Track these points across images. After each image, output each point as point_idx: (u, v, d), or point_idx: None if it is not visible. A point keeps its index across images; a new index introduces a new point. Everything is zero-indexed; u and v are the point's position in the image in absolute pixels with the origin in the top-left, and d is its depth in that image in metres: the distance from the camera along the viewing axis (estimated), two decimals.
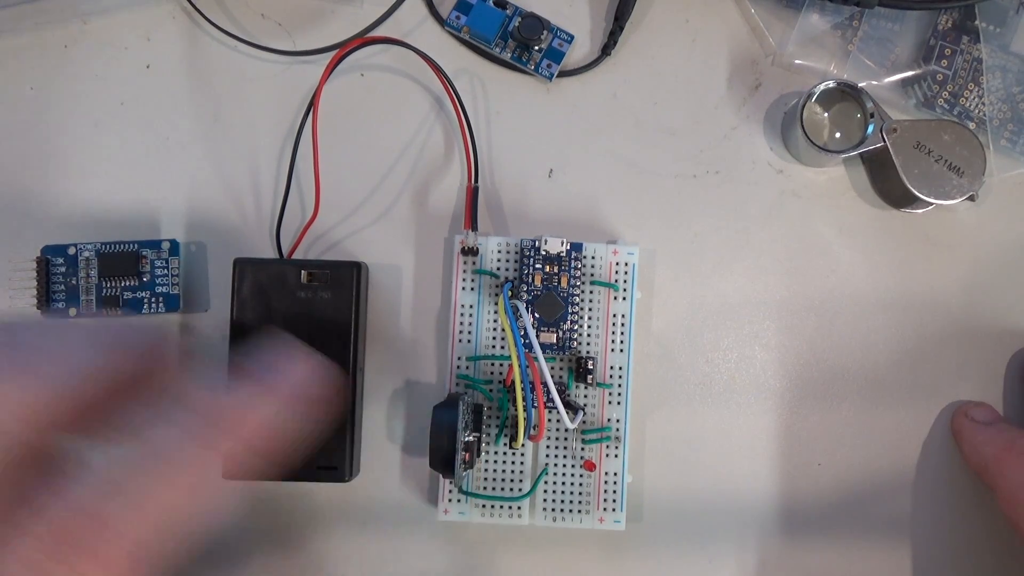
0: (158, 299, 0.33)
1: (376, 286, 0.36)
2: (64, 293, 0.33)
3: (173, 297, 0.33)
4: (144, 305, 0.33)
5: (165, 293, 0.33)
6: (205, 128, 0.36)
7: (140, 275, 0.33)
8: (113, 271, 0.33)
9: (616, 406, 0.34)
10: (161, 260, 0.33)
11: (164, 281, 0.33)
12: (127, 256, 0.33)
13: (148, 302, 0.33)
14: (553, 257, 0.34)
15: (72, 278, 0.33)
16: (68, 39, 0.37)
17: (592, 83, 0.37)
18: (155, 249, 0.33)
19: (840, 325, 0.37)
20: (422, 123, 0.37)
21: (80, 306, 0.33)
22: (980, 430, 0.35)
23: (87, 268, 0.33)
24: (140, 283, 0.33)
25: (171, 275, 0.33)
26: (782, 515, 0.36)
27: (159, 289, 0.33)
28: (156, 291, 0.33)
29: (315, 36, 0.37)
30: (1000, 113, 0.37)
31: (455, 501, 0.34)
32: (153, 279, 0.33)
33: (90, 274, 0.33)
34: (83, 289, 0.33)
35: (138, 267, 0.33)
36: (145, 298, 0.33)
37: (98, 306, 0.33)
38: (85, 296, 0.33)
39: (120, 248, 0.33)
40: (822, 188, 0.37)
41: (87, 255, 0.33)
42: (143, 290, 0.33)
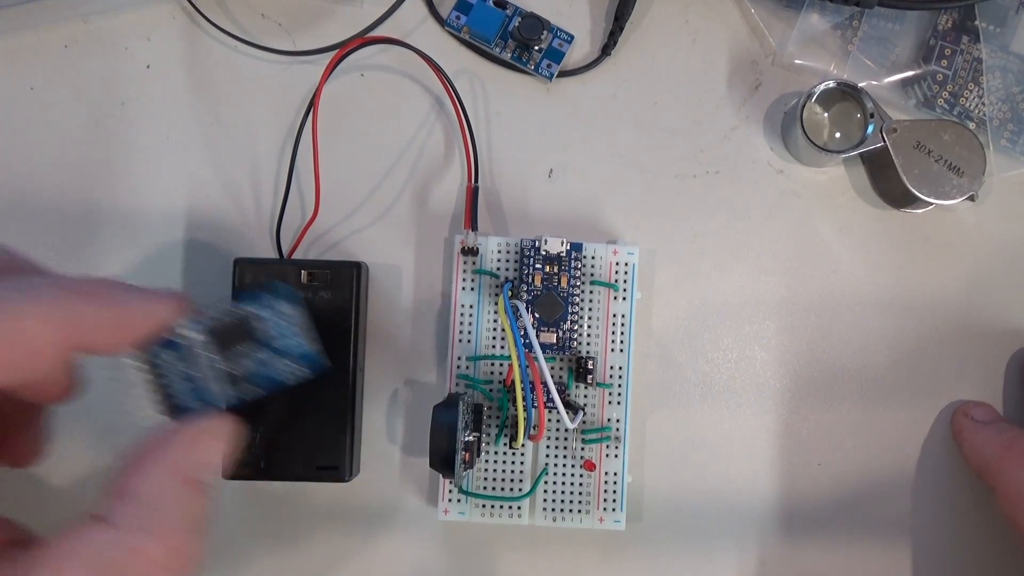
0: (295, 362, 0.27)
1: (376, 286, 0.36)
2: (186, 388, 0.27)
3: (309, 355, 0.27)
4: (282, 374, 0.27)
5: (300, 353, 0.27)
6: (205, 128, 0.36)
7: (263, 342, 0.27)
8: (231, 344, 0.27)
9: (616, 406, 0.34)
10: (276, 314, 0.27)
11: (295, 340, 0.27)
12: (239, 324, 0.27)
13: (286, 369, 0.27)
14: (553, 257, 0.34)
15: (190, 368, 0.27)
16: (68, 39, 0.37)
17: (592, 83, 0.37)
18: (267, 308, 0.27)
19: (840, 325, 0.37)
20: (422, 123, 0.37)
21: (212, 398, 0.27)
22: (980, 430, 0.35)
23: (203, 351, 0.27)
24: (267, 351, 0.27)
25: (301, 330, 0.27)
26: (782, 515, 0.36)
27: (292, 351, 0.27)
28: (289, 353, 0.27)
29: (315, 36, 0.37)
30: (1000, 113, 0.37)
31: (455, 501, 0.34)
32: (282, 343, 0.27)
33: (210, 358, 0.27)
34: (207, 378, 0.27)
35: (255, 332, 0.27)
36: (280, 366, 0.27)
37: (231, 392, 0.27)
38: (212, 384, 0.27)
39: (230, 318, 0.27)
40: (822, 188, 0.37)
41: (194, 335, 0.27)
42: (273, 357, 0.27)
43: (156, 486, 0.25)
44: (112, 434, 0.35)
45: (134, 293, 0.26)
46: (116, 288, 0.25)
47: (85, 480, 0.35)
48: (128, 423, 0.34)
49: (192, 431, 0.26)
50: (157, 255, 0.36)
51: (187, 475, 0.25)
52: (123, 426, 0.34)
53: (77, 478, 0.35)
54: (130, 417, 0.27)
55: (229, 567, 0.35)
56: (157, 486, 0.25)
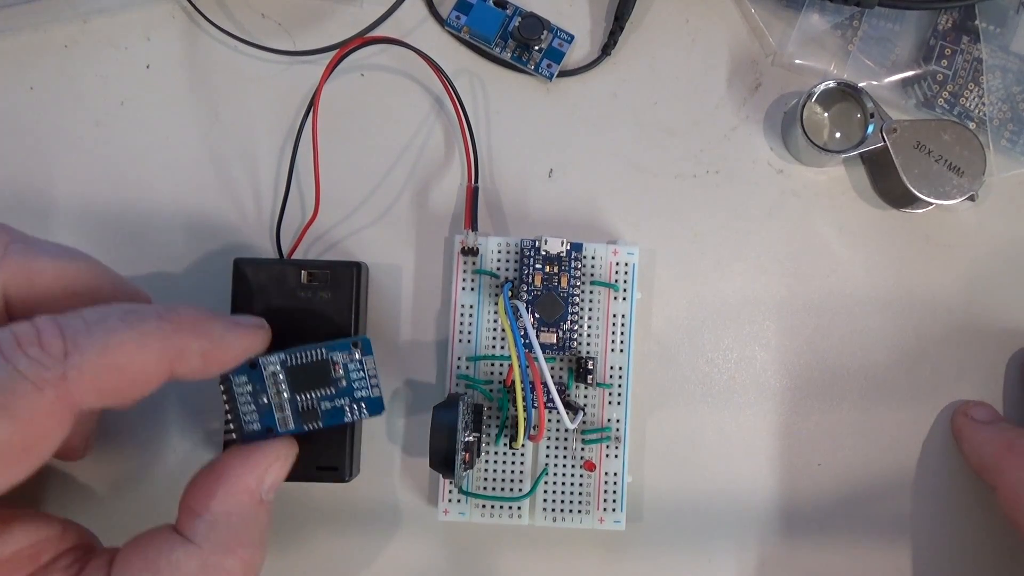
0: (359, 404, 0.30)
1: (376, 286, 0.36)
2: (257, 414, 0.29)
3: (375, 400, 0.30)
4: (346, 413, 0.30)
5: (366, 397, 0.30)
6: (205, 128, 0.36)
7: (335, 382, 0.30)
8: (305, 384, 0.30)
9: (616, 406, 0.34)
10: (354, 363, 0.30)
11: (362, 385, 0.30)
12: (318, 366, 0.30)
13: (350, 409, 0.30)
14: (553, 257, 0.34)
15: (262, 396, 0.29)
16: (68, 39, 0.37)
17: (592, 83, 0.37)
18: (345, 352, 0.30)
19: (840, 325, 0.37)
20: (422, 123, 0.37)
21: (277, 425, 0.30)
22: (980, 430, 0.35)
23: (275, 383, 0.29)
24: (337, 390, 0.30)
25: (368, 376, 0.30)
26: (782, 515, 0.36)
27: (358, 394, 0.30)
28: (355, 396, 0.30)
29: (315, 36, 0.37)
30: (1000, 113, 0.37)
31: (455, 501, 0.34)
32: (350, 385, 0.30)
33: (280, 389, 0.29)
34: (276, 406, 0.29)
35: (331, 375, 0.30)
36: (345, 405, 0.30)
37: (296, 423, 0.29)
38: (280, 413, 0.29)
39: (308, 356, 0.30)
40: (822, 188, 0.37)
41: (272, 369, 0.29)
42: (341, 397, 0.30)
43: (235, 507, 0.27)
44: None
45: (228, 326, 0.27)
46: (211, 320, 0.27)
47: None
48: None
49: (266, 456, 0.28)
50: (157, 255, 0.36)
51: (260, 497, 0.28)
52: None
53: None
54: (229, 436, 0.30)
55: None
56: (236, 507, 0.27)
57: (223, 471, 0.28)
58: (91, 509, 0.34)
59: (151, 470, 0.35)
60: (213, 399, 0.30)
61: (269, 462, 0.28)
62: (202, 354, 0.26)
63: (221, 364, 0.27)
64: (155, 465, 0.35)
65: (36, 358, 0.22)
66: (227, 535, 0.27)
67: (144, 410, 0.35)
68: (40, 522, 0.26)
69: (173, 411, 0.35)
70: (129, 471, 0.35)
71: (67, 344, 0.23)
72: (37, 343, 0.23)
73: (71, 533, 0.27)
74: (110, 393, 0.24)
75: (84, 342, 0.23)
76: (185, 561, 0.26)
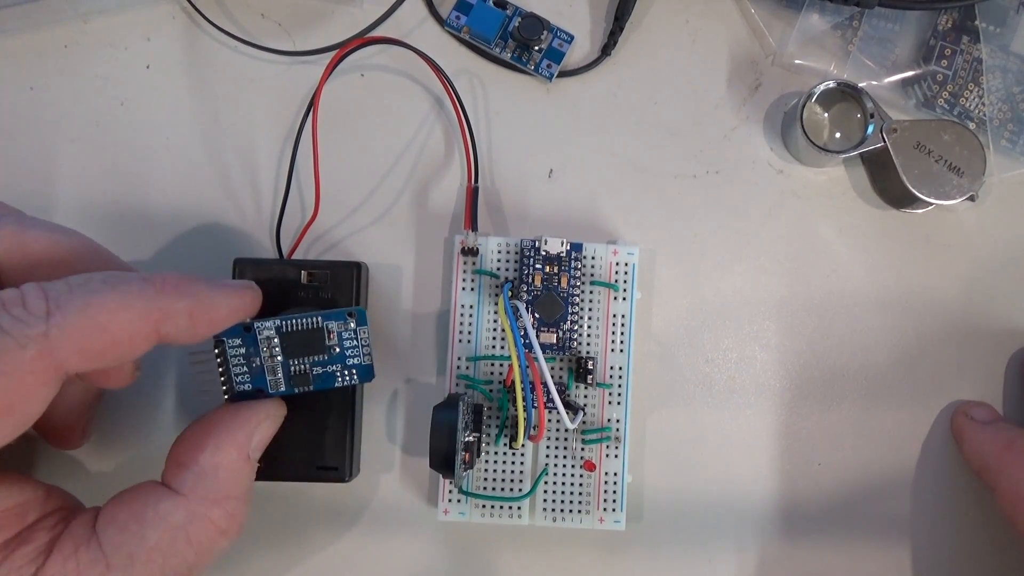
0: (351, 371, 0.30)
1: (376, 286, 0.36)
2: (248, 375, 0.30)
3: (366, 368, 0.31)
4: (337, 378, 0.30)
5: (357, 364, 0.30)
6: (205, 128, 0.36)
7: (328, 349, 0.30)
8: (299, 350, 0.30)
9: (616, 406, 0.34)
10: (348, 332, 0.30)
11: (354, 352, 0.30)
12: (312, 333, 0.30)
13: (340, 375, 0.30)
14: (553, 257, 0.34)
15: (255, 359, 0.30)
16: (68, 39, 0.37)
17: (592, 83, 0.37)
18: (340, 321, 0.30)
19: (840, 325, 0.37)
20: (422, 123, 0.37)
21: (268, 386, 0.30)
22: (980, 430, 0.35)
23: (269, 347, 0.30)
24: (329, 356, 0.30)
25: (361, 346, 0.30)
26: (782, 515, 0.36)
27: (350, 361, 0.30)
28: (348, 363, 0.30)
29: (315, 36, 0.37)
30: (1000, 113, 0.37)
31: (455, 501, 0.34)
32: (343, 352, 0.30)
33: (274, 353, 0.30)
34: (268, 369, 0.30)
35: (325, 342, 0.30)
36: (337, 371, 0.30)
37: (287, 385, 0.30)
38: (271, 376, 0.30)
39: (303, 324, 0.30)
40: (822, 188, 0.37)
41: (267, 334, 0.30)
42: (333, 363, 0.30)
43: (223, 461, 0.28)
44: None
45: (215, 286, 0.27)
46: (198, 282, 0.27)
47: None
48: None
49: (256, 415, 0.29)
50: (157, 255, 0.36)
51: (247, 452, 0.28)
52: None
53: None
54: (200, 395, 0.30)
55: (229, 567, 0.35)
56: (224, 461, 0.28)
57: (213, 426, 0.28)
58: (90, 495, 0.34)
59: (150, 456, 0.35)
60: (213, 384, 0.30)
61: (259, 419, 0.29)
62: (188, 313, 0.26)
63: (209, 323, 0.27)
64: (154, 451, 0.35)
65: (19, 317, 0.23)
66: (214, 487, 0.27)
67: (143, 394, 0.35)
68: (24, 484, 0.26)
69: (172, 395, 0.35)
70: (128, 458, 0.35)
71: (50, 305, 0.23)
72: (21, 304, 0.23)
73: (55, 496, 0.27)
74: (94, 354, 0.24)
75: (66, 303, 0.24)
76: (172, 511, 0.26)
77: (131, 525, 0.26)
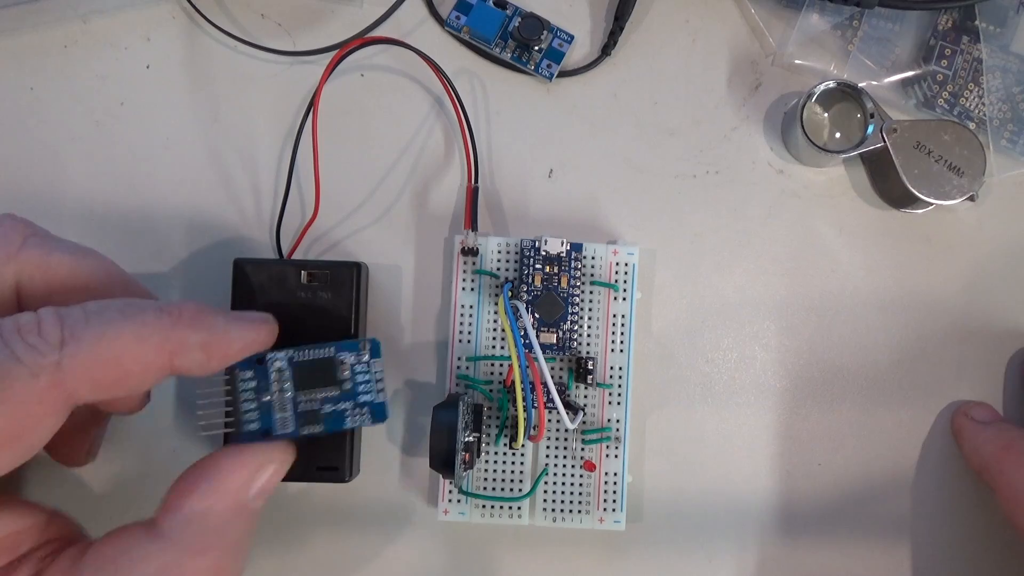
0: (362, 410, 0.29)
1: (376, 286, 0.36)
2: (256, 412, 0.28)
3: (379, 407, 0.29)
4: (347, 419, 0.29)
5: (370, 403, 0.29)
6: (205, 128, 0.36)
7: (340, 383, 0.29)
8: (310, 382, 0.29)
9: (616, 406, 0.34)
10: (362, 364, 0.29)
11: (367, 388, 0.29)
12: (325, 364, 0.29)
13: (351, 415, 0.29)
14: (553, 257, 0.34)
15: (264, 394, 0.28)
16: (68, 39, 0.37)
17: (592, 83, 0.37)
18: (354, 352, 0.29)
19: (840, 325, 0.37)
20: (422, 123, 0.37)
21: (275, 426, 0.28)
22: (980, 430, 0.35)
23: (280, 379, 0.28)
24: (340, 392, 0.29)
25: (374, 381, 0.29)
26: (782, 515, 0.36)
27: (362, 399, 0.29)
28: (359, 400, 0.29)
29: (315, 36, 0.37)
30: (1000, 113, 0.37)
31: (455, 501, 0.34)
32: (355, 387, 0.29)
33: (284, 387, 0.28)
34: (277, 406, 0.28)
35: (337, 375, 0.29)
36: (348, 411, 0.29)
37: (295, 425, 0.28)
38: (280, 413, 0.28)
39: (315, 354, 0.29)
40: (822, 188, 0.37)
41: (279, 365, 0.28)
42: (344, 400, 0.29)
43: (215, 508, 0.26)
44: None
45: (231, 320, 0.27)
46: (214, 314, 0.26)
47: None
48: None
49: (257, 461, 0.27)
50: (157, 255, 0.36)
51: (245, 503, 0.26)
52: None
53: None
54: (199, 429, 0.29)
55: None
56: (216, 509, 0.26)
57: (209, 467, 0.27)
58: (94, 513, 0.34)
59: (156, 475, 0.35)
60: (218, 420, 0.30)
61: (260, 463, 0.27)
62: (202, 347, 0.26)
63: (223, 357, 0.27)
64: (159, 469, 0.35)
65: (34, 345, 0.23)
66: (203, 536, 0.25)
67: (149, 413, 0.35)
68: (24, 511, 0.26)
69: (178, 414, 0.35)
70: (132, 476, 0.35)
71: (64, 333, 0.23)
72: (37, 331, 0.23)
73: (55, 525, 0.26)
74: (105, 385, 0.24)
75: (81, 332, 0.23)
76: (147, 558, 0.25)
77: (107, 567, 0.25)
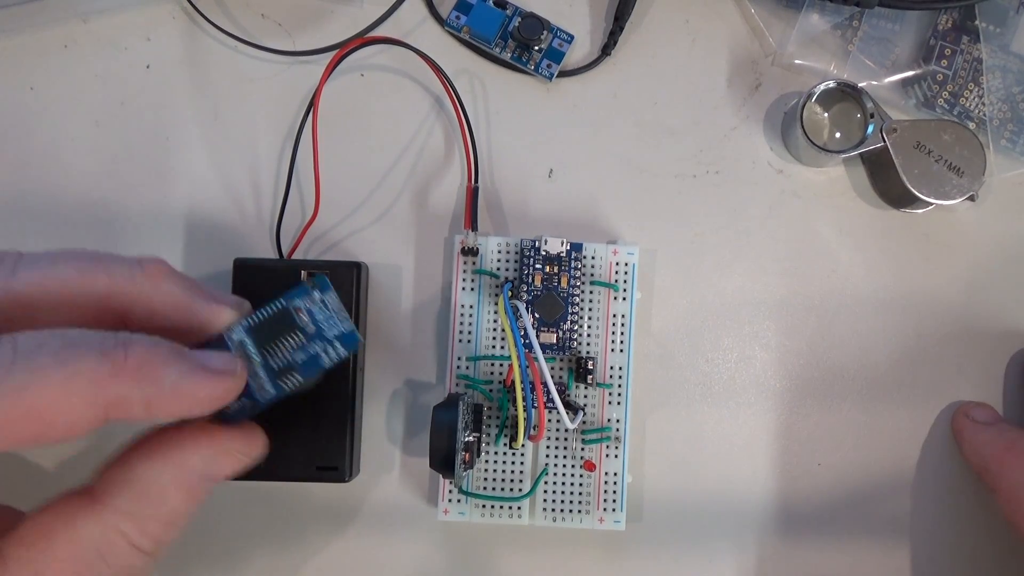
0: (333, 345, 0.27)
1: (376, 286, 0.36)
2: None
3: (348, 335, 0.27)
4: (322, 358, 0.27)
5: (337, 334, 0.27)
6: (205, 128, 0.36)
7: (302, 329, 0.27)
8: (273, 337, 0.27)
9: (616, 406, 0.34)
10: (317, 304, 0.27)
11: (331, 324, 0.27)
12: (281, 316, 0.27)
13: (325, 352, 0.27)
14: (553, 257, 0.34)
15: None
16: (68, 39, 0.37)
17: (592, 83, 0.37)
18: (304, 296, 0.27)
19: (840, 325, 0.37)
20: (422, 123, 0.37)
21: (255, 393, 0.27)
22: (980, 430, 0.35)
23: (243, 351, 0.27)
24: (307, 337, 0.27)
25: (334, 313, 0.27)
26: (782, 515, 0.36)
27: (329, 333, 0.27)
28: (326, 336, 0.27)
29: (315, 36, 0.37)
30: (1000, 113, 0.37)
31: (455, 501, 0.34)
32: (319, 328, 0.27)
33: (250, 355, 0.27)
34: (250, 375, 0.27)
35: (296, 322, 0.27)
36: (320, 350, 0.27)
37: (274, 385, 0.27)
38: (254, 381, 0.27)
39: (268, 312, 0.27)
40: (822, 188, 0.37)
41: (238, 338, 0.27)
42: (312, 343, 0.27)
43: (158, 479, 0.24)
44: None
45: (186, 370, 0.24)
46: (167, 363, 0.24)
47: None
48: None
49: (218, 442, 0.26)
50: (157, 255, 0.36)
51: (192, 481, 0.25)
52: None
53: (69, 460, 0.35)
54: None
55: (229, 567, 0.35)
56: (161, 479, 0.24)
57: (170, 438, 0.25)
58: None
59: None
60: None
61: (224, 450, 0.26)
62: (145, 403, 0.23)
63: (171, 414, 0.24)
64: None
65: None
66: (142, 505, 0.24)
67: None
68: None
69: None
70: None
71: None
72: None
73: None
74: (22, 439, 0.22)
75: (2, 381, 0.21)
76: (85, 522, 0.23)
77: (39, 541, 0.23)
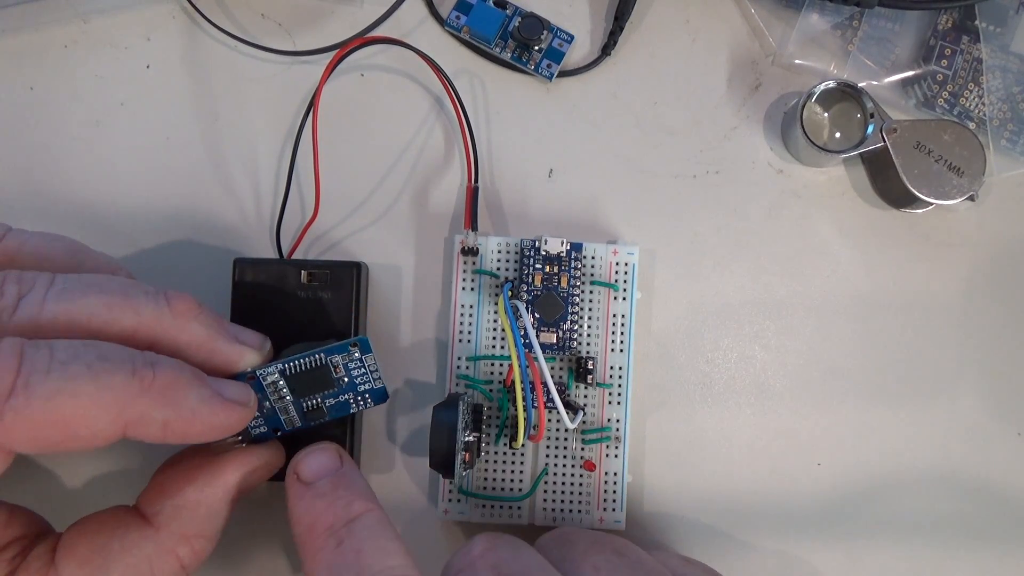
0: (364, 397, 0.30)
1: (376, 286, 0.36)
2: (261, 419, 0.29)
3: (379, 391, 0.30)
4: (351, 406, 0.30)
5: (369, 389, 0.30)
6: (205, 128, 0.36)
7: (336, 382, 0.29)
8: (307, 389, 0.29)
9: (616, 406, 0.34)
10: (354, 362, 0.29)
11: (364, 380, 0.30)
12: (317, 371, 0.29)
13: (355, 401, 0.30)
14: (553, 257, 0.34)
15: (264, 402, 0.29)
16: (68, 39, 0.37)
17: (592, 83, 0.37)
18: (344, 354, 0.29)
19: (840, 325, 0.37)
20: (422, 123, 0.37)
21: (283, 425, 0.29)
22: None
23: (276, 390, 0.29)
24: (339, 388, 0.30)
25: (369, 372, 0.30)
26: (782, 515, 0.36)
27: (362, 388, 0.30)
28: (359, 391, 0.30)
29: (315, 36, 0.37)
30: (1000, 113, 0.37)
31: (455, 501, 0.34)
32: (352, 382, 0.30)
33: (282, 395, 0.29)
34: (280, 410, 0.29)
35: (332, 376, 0.29)
36: (350, 399, 0.30)
37: (303, 420, 0.29)
38: (284, 415, 0.29)
39: (307, 363, 0.29)
40: (822, 188, 0.37)
41: (272, 379, 0.29)
42: (344, 393, 0.30)
43: (207, 498, 0.27)
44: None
45: (205, 397, 0.25)
46: (189, 387, 0.25)
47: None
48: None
49: (252, 460, 0.28)
50: (157, 255, 0.36)
51: (234, 498, 0.28)
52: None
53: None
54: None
55: (229, 567, 0.35)
56: (208, 498, 0.27)
57: (213, 460, 0.27)
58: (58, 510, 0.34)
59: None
60: None
61: (255, 463, 0.28)
62: (164, 424, 0.24)
63: (183, 437, 0.25)
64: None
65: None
66: (190, 523, 0.26)
67: None
68: None
69: None
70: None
71: (18, 383, 0.21)
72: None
73: (17, 522, 0.26)
74: (47, 445, 0.22)
75: (36, 384, 0.21)
76: (140, 543, 0.25)
77: (94, 558, 0.24)
